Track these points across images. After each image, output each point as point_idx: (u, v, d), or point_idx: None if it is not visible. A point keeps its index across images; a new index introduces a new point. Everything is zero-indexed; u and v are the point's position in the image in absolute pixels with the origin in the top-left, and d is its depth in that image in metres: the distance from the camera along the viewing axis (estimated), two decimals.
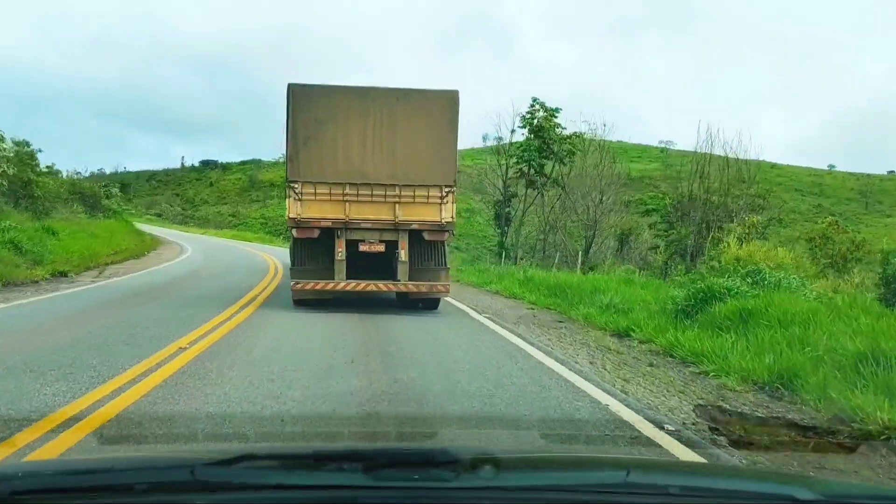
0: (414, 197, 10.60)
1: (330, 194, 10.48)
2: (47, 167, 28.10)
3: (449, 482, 1.43)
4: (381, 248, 10.77)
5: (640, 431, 4.54)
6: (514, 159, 32.82)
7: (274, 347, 7.16)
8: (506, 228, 33.45)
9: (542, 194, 32.23)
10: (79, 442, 3.86)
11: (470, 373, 6.24)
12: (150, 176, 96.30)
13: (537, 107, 31.29)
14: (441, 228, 10.79)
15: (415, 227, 10.67)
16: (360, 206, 10.54)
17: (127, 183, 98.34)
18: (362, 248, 10.70)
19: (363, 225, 10.60)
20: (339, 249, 10.56)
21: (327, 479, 1.46)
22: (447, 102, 10.77)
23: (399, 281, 10.75)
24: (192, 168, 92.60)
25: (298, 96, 10.61)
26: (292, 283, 10.71)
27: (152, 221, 65.64)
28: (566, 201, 32.85)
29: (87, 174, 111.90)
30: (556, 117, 30.86)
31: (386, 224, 10.63)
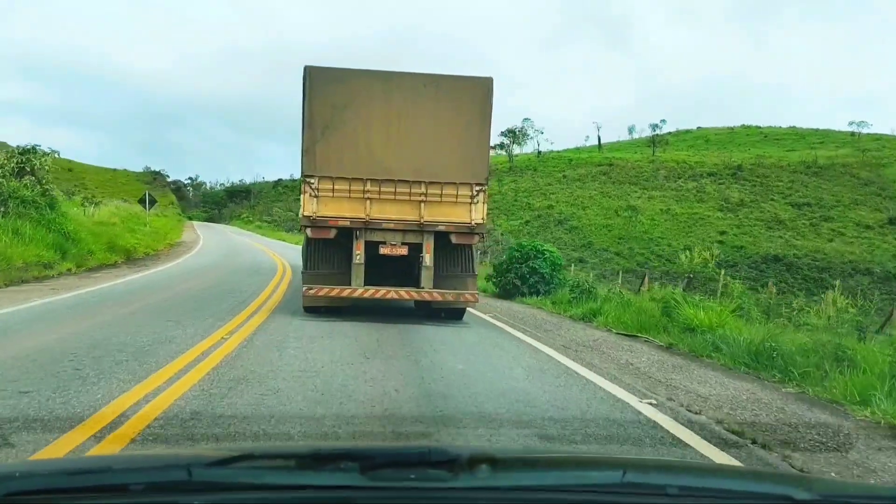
0: (441, 196, 10.26)
1: (349, 191, 10.15)
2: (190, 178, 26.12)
3: (446, 482, 1.51)
4: (404, 251, 10.41)
5: None
6: None
7: None
8: None
9: None
10: None
11: None
12: (276, 182, 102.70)
13: None
14: (471, 231, 10.44)
15: (441, 228, 10.33)
16: (382, 204, 10.20)
17: (255, 190, 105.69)
18: (383, 250, 10.36)
19: (385, 225, 10.26)
20: (358, 252, 10.24)
21: (324, 480, 1.54)
22: (480, 91, 10.32)
23: (423, 288, 10.37)
24: None
25: (315, 80, 10.19)
26: (304, 288, 10.33)
27: (261, 228, 69.46)
28: None
29: (227, 184, 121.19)
30: None
31: (410, 224, 10.29)
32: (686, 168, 68.83)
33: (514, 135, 79.30)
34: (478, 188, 10.34)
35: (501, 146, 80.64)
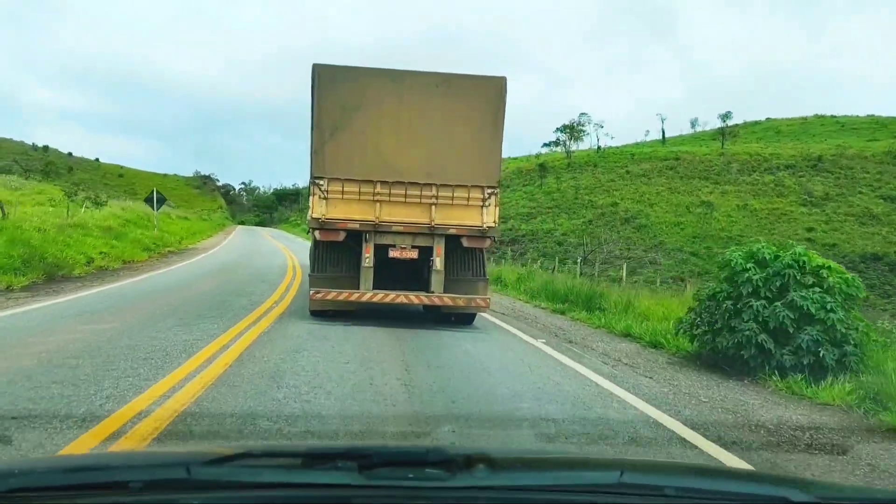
0: (452, 198, 10.35)
1: (359, 193, 10.27)
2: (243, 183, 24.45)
3: (443, 482, 1.55)
4: (414, 254, 10.52)
5: None
6: None
7: None
8: None
9: None
10: None
11: None
12: None
13: None
14: (482, 234, 10.50)
15: (452, 231, 10.42)
16: (392, 206, 10.32)
17: (304, 193, 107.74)
18: (392, 253, 10.47)
19: (395, 228, 10.38)
20: (367, 255, 10.37)
21: (322, 478, 1.59)
22: (493, 90, 10.39)
23: (433, 293, 10.47)
24: None
25: (324, 79, 10.31)
26: (311, 291, 10.45)
27: (306, 232, 70.10)
28: None
29: (280, 189, 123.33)
30: None
31: (420, 227, 10.40)
32: (760, 160, 67.21)
33: (572, 130, 78.81)
34: (490, 191, 10.44)
35: (557, 143, 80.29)
